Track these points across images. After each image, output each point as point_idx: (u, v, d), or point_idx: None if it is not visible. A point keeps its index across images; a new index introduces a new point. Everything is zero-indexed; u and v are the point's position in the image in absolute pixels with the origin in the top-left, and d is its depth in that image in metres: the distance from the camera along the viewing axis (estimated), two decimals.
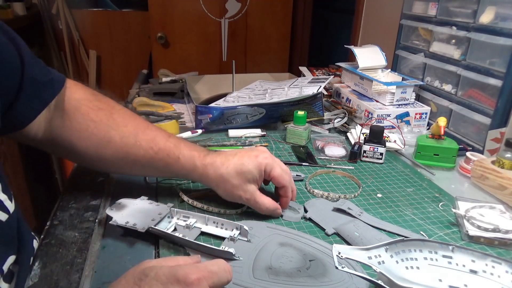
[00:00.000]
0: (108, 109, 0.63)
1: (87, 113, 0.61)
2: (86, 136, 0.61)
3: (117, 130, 0.62)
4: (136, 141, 0.62)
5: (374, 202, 0.71)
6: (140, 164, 0.63)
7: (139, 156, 0.62)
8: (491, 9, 0.89)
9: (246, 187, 0.61)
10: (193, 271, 0.38)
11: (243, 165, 0.61)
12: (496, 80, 0.87)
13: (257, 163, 0.61)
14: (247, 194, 0.62)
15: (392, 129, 1.01)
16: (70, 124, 0.60)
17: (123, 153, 0.62)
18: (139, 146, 0.62)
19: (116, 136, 0.62)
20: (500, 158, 0.77)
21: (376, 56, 1.20)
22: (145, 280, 0.38)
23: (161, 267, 0.39)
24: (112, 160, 0.63)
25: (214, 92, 1.20)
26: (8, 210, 0.50)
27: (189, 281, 0.37)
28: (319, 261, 0.53)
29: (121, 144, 0.62)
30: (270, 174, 0.62)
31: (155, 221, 0.58)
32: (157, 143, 0.62)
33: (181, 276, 0.37)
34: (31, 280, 0.49)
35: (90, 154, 0.62)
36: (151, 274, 0.38)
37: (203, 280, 0.38)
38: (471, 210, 0.65)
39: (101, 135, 0.61)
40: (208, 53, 2.31)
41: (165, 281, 0.37)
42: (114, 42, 2.54)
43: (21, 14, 2.02)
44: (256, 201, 0.62)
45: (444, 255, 0.49)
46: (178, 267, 0.39)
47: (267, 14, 2.31)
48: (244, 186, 0.61)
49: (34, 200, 1.81)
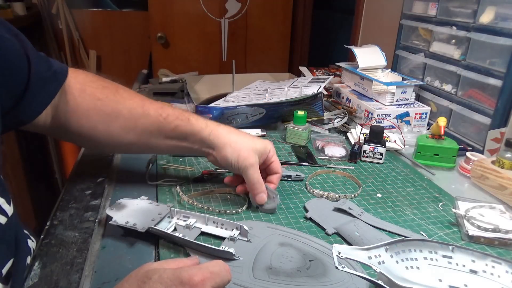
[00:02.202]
0: (112, 87, 0.65)
1: (92, 93, 0.63)
2: (94, 114, 0.62)
3: (124, 104, 0.64)
4: (144, 110, 0.64)
5: (374, 202, 0.71)
6: (148, 132, 0.65)
7: (148, 125, 0.64)
8: (491, 9, 0.89)
9: (254, 155, 0.64)
10: (196, 273, 0.38)
11: (253, 140, 0.66)
12: (496, 80, 0.87)
13: (265, 144, 0.67)
14: (253, 159, 0.64)
15: (392, 129, 1.01)
16: (77, 107, 0.62)
17: (132, 124, 0.64)
18: (147, 115, 0.64)
19: (124, 110, 0.64)
20: (500, 158, 0.77)
21: (376, 56, 1.20)
22: (148, 283, 0.38)
23: (165, 270, 0.39)
24: (121, 134, 0.64)
25: (214, 92, 1.20)
26: (6, 213, 0.50)
27: (194, 282, 0.37)
28: (319, 261, 0.53)
29: (129, 116, 0.64)
30: (271, 158, 0.68)
31: (155, 221, 0.58)
32: (166, 110, 0.65)
33: (185, 278, 0.38)
34: (31, 280, 0.49)
35: (99, 132, 0.64)
36: (154, 277, 0.38)
37: (207, 281, 0.38)
38: (471, 210, 0.65)
39: (109, 111, 0.63)
40: (208, 53, 2.31)
41: (169, 284, 0.38)
42: (114, 42, 2.54)
43: (21, 14, 2.01)
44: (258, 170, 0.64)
45: (444, 255, 0.49)
46: (181, 269, 0.39)
47: (267, 14, 2.31)
48: (252, 153, 0.64)
49: (34, 200, 1.81)
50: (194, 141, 0.66)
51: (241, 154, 0.64)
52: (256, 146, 0.66)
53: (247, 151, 0.64)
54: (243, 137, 0.66)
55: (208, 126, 0.65)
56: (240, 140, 0.65)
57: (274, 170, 0.69)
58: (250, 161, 0.64)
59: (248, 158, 0.64)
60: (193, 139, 0.66)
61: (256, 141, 0.67)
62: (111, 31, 2.51)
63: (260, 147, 0.66)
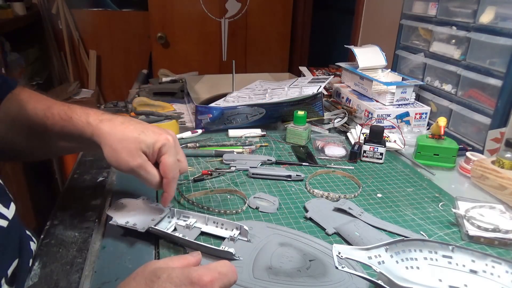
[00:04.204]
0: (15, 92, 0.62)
1: None
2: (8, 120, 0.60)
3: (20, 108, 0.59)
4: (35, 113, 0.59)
5: (374, 202, 0.71)
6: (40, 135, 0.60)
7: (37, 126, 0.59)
8: (491, 9, 0.89)
9: (138, 154, 0.54)
10: (206, 273, 0.38)
11: (143, 133, 0.55)
12: (496, 80, 0.87)
13: (156, 139, 0.55)
14: (135, 161, 0.54)
15: (392, 129, 1.01)
16: None
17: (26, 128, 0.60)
18: (35, 116, 0.58)
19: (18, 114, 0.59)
20: (500, 158, 0.77)
21: (376, 56, 1.20)
22: (157, 282, 0.38)
23: (173, 269, 0.39)
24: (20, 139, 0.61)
25: (214, 92, 1.20)
26: (6, 217, 0.50)
27: (203, 283, 0.38)
28: (319, 261, 0.53)
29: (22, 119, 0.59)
30: (161, 157, 0.56)
31: (155, 221, 0.58)
32: (52, 110, 0.58)
33: (195, 278, 0.38)
34: (31, 280, 0.49)
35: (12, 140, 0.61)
36: (163, 276, 0.38)
37: (215, 281, 0.38)
38: (471, 210, 0.65)
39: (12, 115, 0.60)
40: (208, 53, 2.31)
41: (179, 283, 0.37)
42: (114, 42, 2.54)
43: (21, 14, 2.02)
44: (147, 170, 0.55)
45: (444, 255, 0.49)
46: (190, 269, 0.39)
47: (267, 14, 2.31)
48: (135, 152, 0.54)
49: (34, 200, 1.81)
50: (83, 142, 0.58)
51: (121, 156, 0.54)
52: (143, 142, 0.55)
53: (128, 151, 0.54)
54: (130, 131, 0.55)
55: (90, 124, 0.56)
56: (127, 135, 0.55)
57: (163, 173, 0.56)
58: (132, 163, 0.54)
59: (129, 160, 0.54)
60: (80, 140, 0.58)
61: (148, 136, 0.55)
62: (111, 31, 2.51)
63: (150, 141, 0.55)
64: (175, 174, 0.57)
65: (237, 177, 0.79)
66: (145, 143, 0.55)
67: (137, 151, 0.54)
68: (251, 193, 0.72)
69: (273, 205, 0.68)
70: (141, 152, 0.55)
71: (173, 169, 0.56)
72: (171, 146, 0.56)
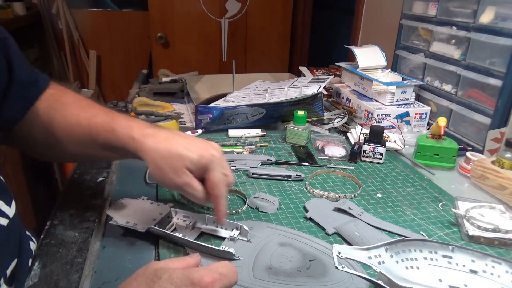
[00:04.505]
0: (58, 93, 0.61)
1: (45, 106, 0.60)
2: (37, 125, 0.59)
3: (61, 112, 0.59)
4: (77, 121, 0.58)
5: (374, 202, 0.71)
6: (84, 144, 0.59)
7: (80, 135, 0.58)
8: (491, 9, 0.89)
9: (183, 172, 0.53)
10: (207, 274, 0.38)
11: (188, 149, 0.53)
12: (496, 80, 0.87)
13: (201, 155, 0.53)
14: (180, 179, 0.53)
15: (392, 129, 1.01)
16: None
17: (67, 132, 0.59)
18: (77, 125, 0.58)
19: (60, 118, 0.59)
20: (500, 158, 0.77)
21: (376, 56, 1.20)
22: (158, 282, 0.38)
23: (174, 270, 0.39)
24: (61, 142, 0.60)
25: (214, 92, 1.20)
26: (7, 215, 0.50)
27: (204, 284, 0.38)
28: (319, 261, 0.53)
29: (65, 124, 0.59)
30: (207, 174, 0.54)
31: (156, 221, 0.58)
32: (96, 119, 0.58)
33: (196, 279, 0.38)
34: (31, 280, 0.49)
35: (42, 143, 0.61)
36: (164, 276, 0.38)
37: (216, 282, 0.38)
38: (471, 210, 0.65)
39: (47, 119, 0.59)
40: (208, 53, 2.31)
41: (180, 284, 0.38)
42: (114, 42, 2.54)
43: (21, 14, 2.02)
44: (193, 187, 0.53)
45: (444, 255, 0.49)
46: (191, 270, 0.39)
47: (267, 14, 2.31)
48: (180, 170, 0.53)
49: (34, 200, 1.81)
50: (126, 155, 0.57)
51: (166, 175, 0.53)
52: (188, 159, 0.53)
53: (173, 169, 0.53)
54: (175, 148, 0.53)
55: (134, 139, 0.55)
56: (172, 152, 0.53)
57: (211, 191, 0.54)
58: (177, 181, 0.53)
59: (174, 178, 0.53)
60: (122, 152, 0.57)
61: (193, 152, 0.53)
62: (111, 31, 2.51)
63: (196, 157, 0.53)
64: (222, 190, 0.54)
65: (237, 177, 0.79)
66: (190, 160, 0.53)
67: (182, 168, 0.53)
68: (251, 193, 0.72)
69: (273, 205, 0.68)
70: (186, 170, 0.53)
71: (220, 186, 0.54)
72: (217, 162, 0.54)
